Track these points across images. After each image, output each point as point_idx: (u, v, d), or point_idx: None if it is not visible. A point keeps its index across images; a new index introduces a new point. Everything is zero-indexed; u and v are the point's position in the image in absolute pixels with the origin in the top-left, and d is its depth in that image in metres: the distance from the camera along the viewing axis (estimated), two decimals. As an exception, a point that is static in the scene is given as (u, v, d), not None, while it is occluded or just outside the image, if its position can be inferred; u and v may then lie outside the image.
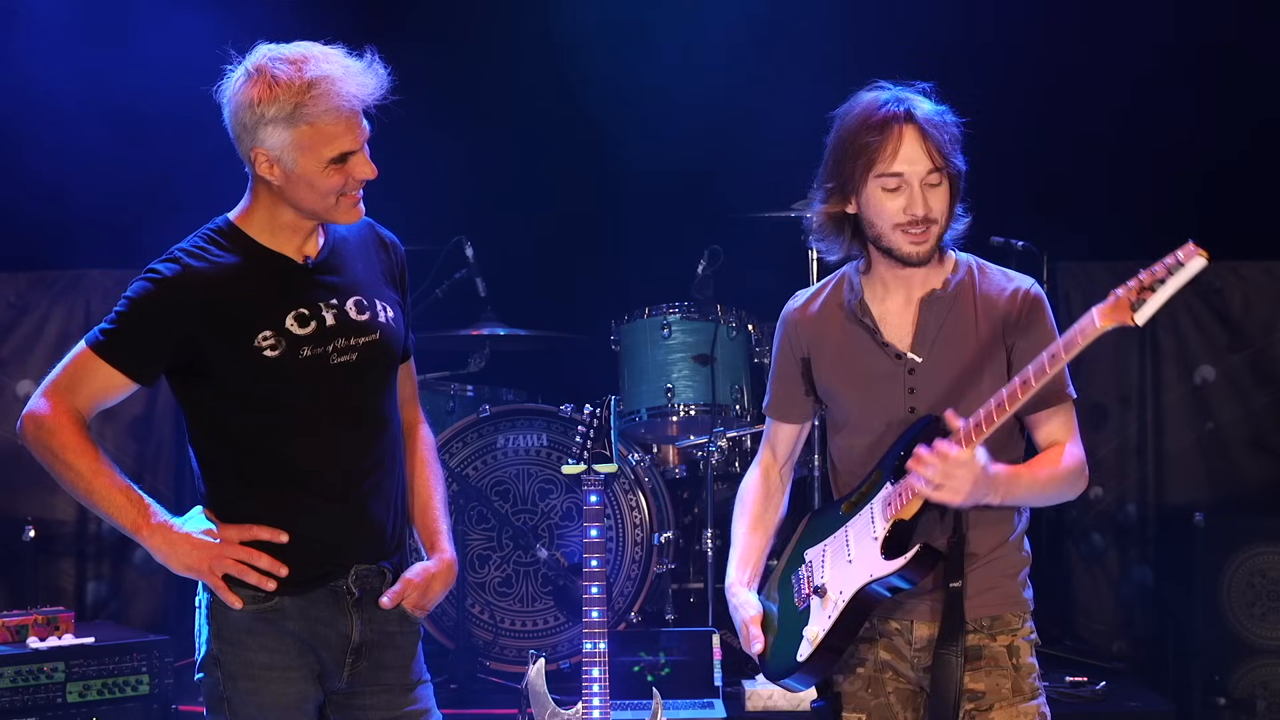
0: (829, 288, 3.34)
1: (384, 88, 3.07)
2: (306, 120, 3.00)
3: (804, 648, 3.15)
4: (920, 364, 3.20)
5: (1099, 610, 6.25)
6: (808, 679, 3.20)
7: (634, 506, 5.61)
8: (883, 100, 3.15)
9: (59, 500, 6.01)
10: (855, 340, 3.25)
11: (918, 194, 3.11)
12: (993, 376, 3.17)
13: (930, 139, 3.10)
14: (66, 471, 3.05)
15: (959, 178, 3.16)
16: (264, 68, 3.02)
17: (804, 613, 3.19)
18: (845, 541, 3.17)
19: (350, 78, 3.03)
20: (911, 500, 3.04)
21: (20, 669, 4.67)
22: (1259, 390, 6.11)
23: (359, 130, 3.05)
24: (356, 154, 3.06)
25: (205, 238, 3.13)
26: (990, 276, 3.25)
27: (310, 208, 3.10)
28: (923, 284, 3.22)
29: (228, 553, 3.05)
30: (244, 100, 3.02)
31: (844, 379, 3.27)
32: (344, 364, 3.12)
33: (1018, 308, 3.19)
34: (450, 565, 3.27)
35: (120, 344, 3.06)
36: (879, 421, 3.22)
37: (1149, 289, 2.80)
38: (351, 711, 3.20)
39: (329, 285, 3.15)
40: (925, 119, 3.12)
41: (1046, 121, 6.29)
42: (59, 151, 6.01)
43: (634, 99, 6.13)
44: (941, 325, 3.20)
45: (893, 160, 3.11)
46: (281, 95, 2.99)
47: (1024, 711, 3.17)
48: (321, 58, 3.03)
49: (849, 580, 3.11)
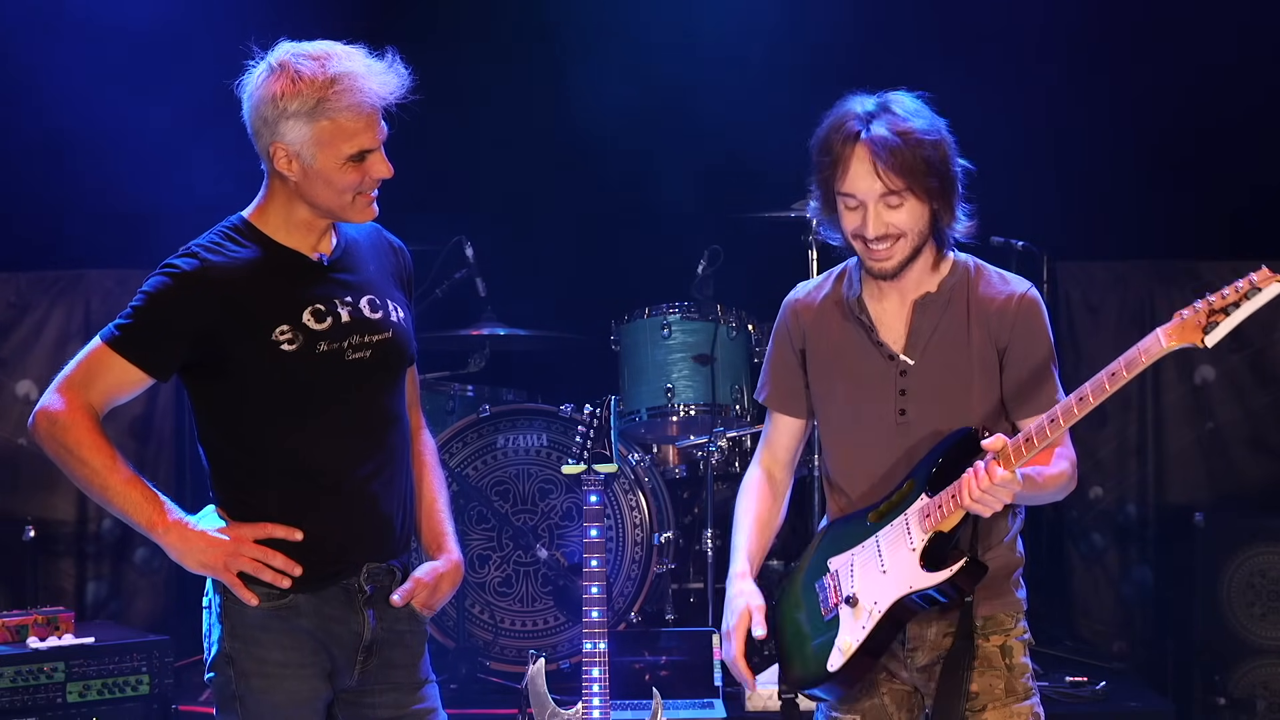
0: (831, 281, 3.34)
1: (405, 87, 3.09)
2: (328, 115, 3.01)
3: (835, 658, 3.12)
4: (912, 366, 3.20)
5: (1099, 610, 6.25)
6: (837, 689, 3.19)
7: (634, 506, 5.61)
8: (844, 118, 3.13)
9: (59, 500, 6.01)
10: (851, 337, 3.25)
11: (871, 214, 3.10)
12: (985, 380, 3.18)
13: (882, 161, 3.06)
14: (81, 468, 3.05)
15: (936, 193, 3.11)
16: (287, 63, 3.03)
17: (832, 622, 3.16)
18: (877, 552, 3.14)
19: (372, 76, 3.05)
20: (953, 513, 3.04)
21: (20, 669, 4.66)
22: (1259, 390, 6.11)
23: (378, 129, 3.07)
24: (375, 152, 3.08)
25: (221, 234, 3.15)
26: (987, 279, 3.24)
27: (326, 204, 3.11)
28: (916, 286, 3.22)
29: (243, 550, 3.06)
30: (266, 94, 3.03)
31: (837, 376, 3.26)
32: (358, 361, 3.13)
33: (1012, 312, 3.19)
34: (458, 566, 3.29)
35: (137, 339, 3.06)
36: (869, 422, 3.22)
37: (1221, 312, 2.78)
38: (360, 710, 3.21)
39: (343, 283, 3.17)
40: (879, 140, 3.06)
41: (1046, 121, 6.29)
42: (59, 151, 6.01)
43: (634, 99, 6.13)
44: (935, 328, 3.20)
45: (843, 182, 3.11)
46: (305, 90, 3.00)
47: (1017, 712, 3.17)
48: (344, 55, 3.06)
49: (885, 591, 3.09)
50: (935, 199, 3.12)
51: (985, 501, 2.97)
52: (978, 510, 3.00)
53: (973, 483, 2.96)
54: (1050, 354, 3.22)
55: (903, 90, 3.19)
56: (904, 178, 3.07)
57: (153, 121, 5.96)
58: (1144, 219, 6.27)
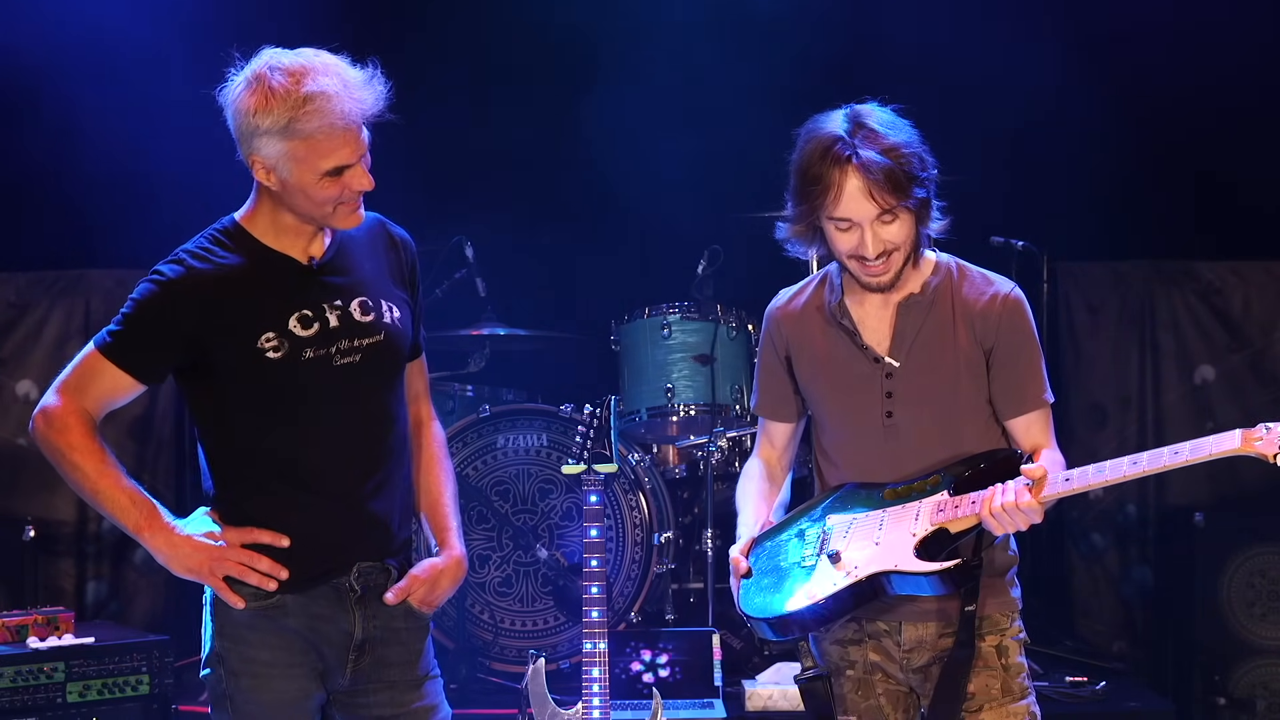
0: (811, 287, 3.35)
1: (383, 103, 3.06)
2: (300, 135, 2.99)
3: (797, 600, 3.12)
4: (898, 368, 3.20)
5: (1099, 610, 6.25)
6: (779, 633, 3.18)
7: (634, 506, 5.61)
8: (825, 141, 3.10)
9: (59, 500, 6.01)
10: (835, 342, 3.26)
11: (868, 235, 3.10)
12: (971, 380, 3.19)
13: (875, 182, 3.06)
14: (73, 470, 3.07)
15: (922, 201, 3.12)
16: (263, 77, 3.00)
17: (808, 570, 3.16)
18: (879, 524, 3.14)
19: (348, 93, 3.00)
20: (966, 517, 3.05)
21: (20, 669, 4.66)
22: (1259, 390, 6.10)
23: (356, 144, 3.04)
24: (353, 166, 3.05)
25: (210, 238, 3.14)
26: (970, 279, 3.25)
27: (307, 214, 3.11)
28: (899, 288, 3.22)
29: (229, 555, 3.07)
30: (241, 108, 3.03)
31: (823, 380, 3.27)
32: (347, 365, 3.12)
33: (997, 312, 3.20)
34: (459, 561, 3.27)
35: (126, 346, 3.08)
36: (857, 423, 3.23)
37: None
38: (355, 709, 3.21)
39: (333, 286, 3.16)
40: (869, 162, 3.06)
41: (1046, 121, 6.28)
42: (59, 151, 6.01)
43: (634, 98, 6.13)
44: (919, 330, 3.21)
45: (836, 207, 3.10)
46: (276, 108, 2.98)
47: (1013, 712, 3.18)
48: (321, 70, 3.01)
49: (870, 560, 3.09)
50: (921, 207, 3.14)
51: (1001, 519, 2.99)
52: (991, 525, 3.02)
53: (999, 496, 2.98)
54: (1037, 352, 3.23)
55: (871, 102, 3.17)
56: (896, 195, 3.08)
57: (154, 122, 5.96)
58: (1144, 219, 6.26)
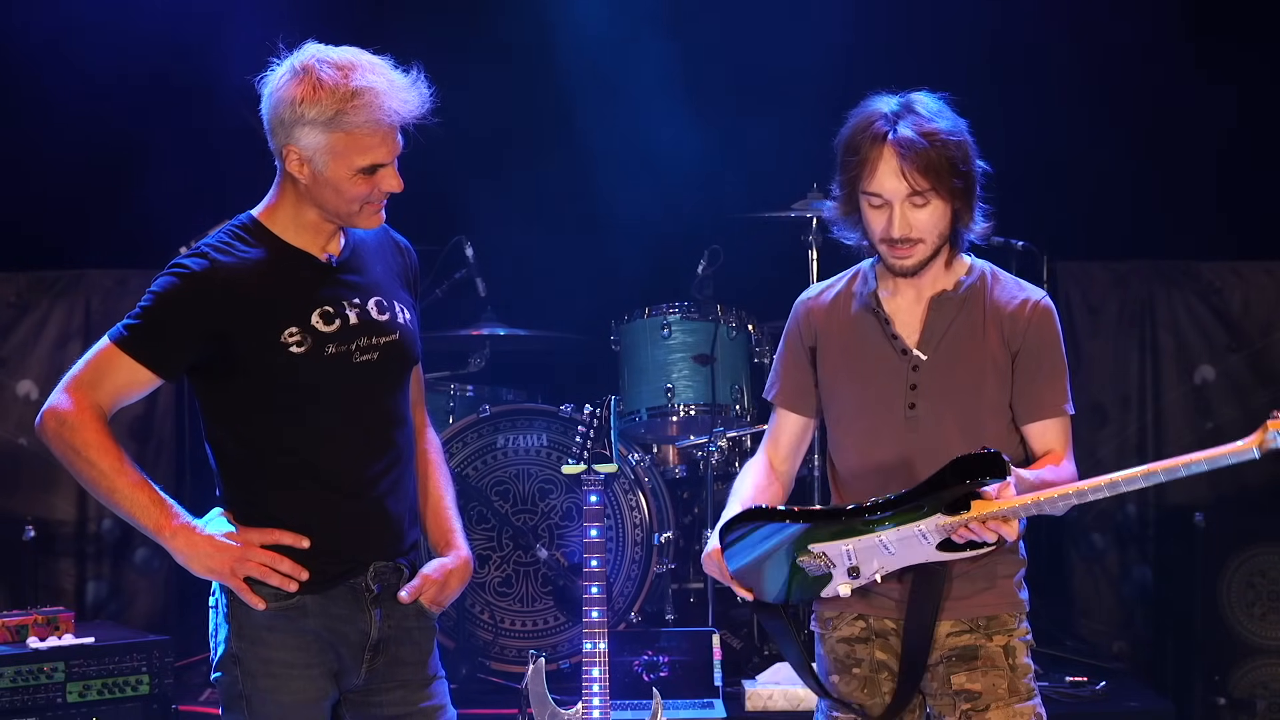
0: (843, 281, 3.37)
1: (426, 107, 3.09)
2: (344, 128, 3.01)
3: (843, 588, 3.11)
4: (925, 362, 3.21)
5: (1099, 610, 6.25)
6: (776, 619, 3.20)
7: (634, 506, 5.61)
8: (870, 118, 3.15)
9: (59, 500, 6.01)
10: (864, 330, 3.26)
11: (897, 214, 3.12)
12: (996, 381, 3.20)
13: (909, 162, 3.08)
14: (88, 469, 3.04)
15: (959, 193, 3.14)
16: (311, 68, 3.03)
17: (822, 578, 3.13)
18: (880, 544, 3.06)
19: (394, 93, 3.04)
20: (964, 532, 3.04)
21: (20, 669, 4.66)
22: (1259, 390, 6.10)
23: (393, 145, 3.07)
24: (386, 166, 3.08)
25: (230, 234, 3.14)
26: (1004, 284, 3.27)
27: (333, 210, 3.12)
28: (933, 284, 3.24)
29: (250, 555, 3.06)
30: (286, 96, 3.03)
31: (847, 369, 3.27)
32: (365, 363, 3.14)
33: (1026, 317, 3.21)
34: (467, 562, 3.30)
35: (145, 338, 3.05)
36: (878, 415, 3.22)
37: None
38: (368, 709, 3.21)
39: (351, 284, 3.17)
40: (905, 141, 3.08)
41: (1046, 121, 6.29)
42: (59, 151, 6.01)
43: (634, 98, 6.13)
44: (949, 326, 3.22)
45: (870, 182, 3.13)
46: (324, 99, 3.00)
47: (1020, 712, 3.18)
48: (368, 67, 3.05)
49: (892, 563, 3.06)
50: (957, 199, 3.15)
51: (983, 536, 2.98)
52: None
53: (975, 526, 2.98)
54: (1061, 362, 3.24)
55: (924, 91, 3.20)
56: (929, 178, 3.10)
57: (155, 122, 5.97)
58: (1144, 219, 6.27)
